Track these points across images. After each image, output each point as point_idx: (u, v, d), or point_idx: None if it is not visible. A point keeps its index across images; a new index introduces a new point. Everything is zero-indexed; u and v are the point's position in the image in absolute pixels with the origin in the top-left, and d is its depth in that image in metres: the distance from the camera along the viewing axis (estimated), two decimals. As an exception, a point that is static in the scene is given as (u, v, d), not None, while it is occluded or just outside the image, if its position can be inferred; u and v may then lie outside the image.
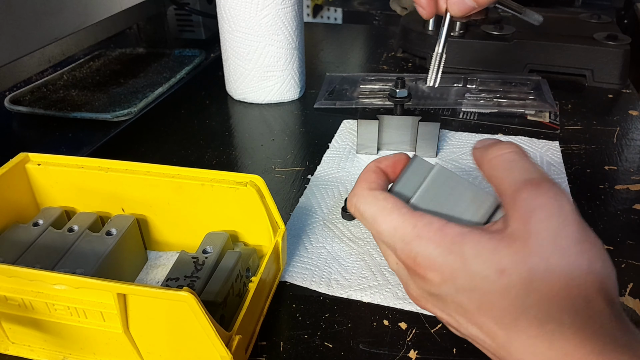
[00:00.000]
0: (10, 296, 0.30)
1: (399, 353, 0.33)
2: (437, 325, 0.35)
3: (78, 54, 0.80)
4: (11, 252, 0.36)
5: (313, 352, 0.33)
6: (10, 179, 0.39)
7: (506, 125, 0.60)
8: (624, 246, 0.41)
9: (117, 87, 0.73)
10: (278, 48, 0.63)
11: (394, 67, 0.78)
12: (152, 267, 0.40)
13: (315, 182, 0.50)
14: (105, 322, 0.30)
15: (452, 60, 0.75)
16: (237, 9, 0.61)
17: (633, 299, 0.36)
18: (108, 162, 0.39)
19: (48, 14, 0.61)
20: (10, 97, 0.69)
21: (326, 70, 0.78)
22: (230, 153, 0.56)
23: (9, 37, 0.56)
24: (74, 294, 0.30)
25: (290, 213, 0.46)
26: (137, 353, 0.31)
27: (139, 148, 0.57)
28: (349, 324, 0.35)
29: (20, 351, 0.34)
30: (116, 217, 0.40)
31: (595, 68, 0.69)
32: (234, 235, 0.39)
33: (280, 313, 0.36)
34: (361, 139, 0.54)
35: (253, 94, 0.66)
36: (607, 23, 0.77)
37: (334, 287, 0.38)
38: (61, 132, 0.63)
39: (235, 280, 0.34)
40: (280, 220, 0.36)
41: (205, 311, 0.27)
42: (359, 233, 0.43)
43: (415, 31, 0.78)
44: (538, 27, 0.75)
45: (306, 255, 0.41)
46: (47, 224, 0.39)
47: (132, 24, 0.84)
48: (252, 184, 0.36)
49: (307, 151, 0.56)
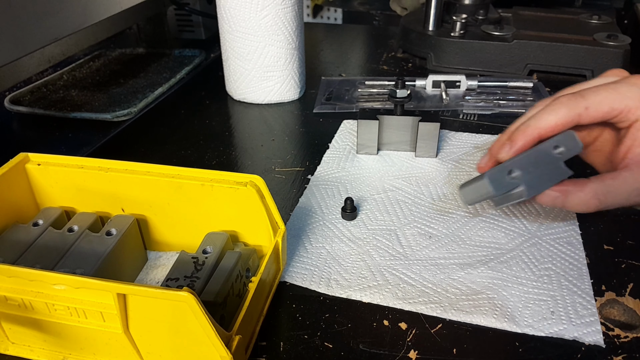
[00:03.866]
0: (10, 296, 0.30)
1: (399, 353, 0.33)
2: (437, 325, 0.35)
3: (78, 54, 0.80)
4: (11, 252, 0.36)
5: (313, 352, 0.33)
6: (10, 179, 0.39)
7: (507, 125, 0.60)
8: (624, 246, 0.41)
9: (117, 87, 0.73)
10: (278, 48, 0.63)
11: (394, 68, 0.78)
12: (152, 267, 0.40)
13: (315, 182, 0.50)
14: (105, 322, 0.30)
15: (452, 60, 0.75)
16: (237, 9, 0.61)
17: (633, 299, 0.36)
18: (108, 162, 0.39)
19: (48, 14, 0.61)
20: (10, 97, 0.69)
21: (326, 70, 0.78)
22: (230, 153, 0.56)
23: (9, 37, 0.56)
24: (74, 294, 0.30)
25: (290, 213, 0.46)
26: (137, 353, 0.31)
27: (139, 148, 0.57)
28: (349, 324, 0.35)
29: (20, 351, 0.34)
30: (116, 217, 0.40)
31: (595, 68, 0.69)
32: (234, 235, 0.39)
33: (280, 313, 0.36)
34: (361, 139, 0.54)
35: (253, 94, 0.66)
36: (607, 23, 0.77)
37: (333, 287, 0.38)
38: (61, 132, 0.63)
39: (235, 281, 0.34)
40: (280, 221, 0.36)
41: (205, 311, 0.27)
42: (359, 233, 0.43)
43: (415, 31, 0.78)
44: (538, 27, 0.75)
45: (306, 255, 0.41)
46: (47, 224, 0.39)
47: (132, 24, 0.84)
48: (252, 184, 0.36)
49: (307, 151, 0.56)
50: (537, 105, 0.42)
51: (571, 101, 0.38)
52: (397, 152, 0.55)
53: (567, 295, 0.37)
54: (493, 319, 0.35)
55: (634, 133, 0.38)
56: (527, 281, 0.38)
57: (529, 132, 0.38)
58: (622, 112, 0.38)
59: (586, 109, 0.38)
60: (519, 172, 0.36)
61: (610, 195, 0.37)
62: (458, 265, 0.39)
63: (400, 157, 0.54)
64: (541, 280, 0.38)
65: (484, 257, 0.40)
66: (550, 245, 0.41)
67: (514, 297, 0.37)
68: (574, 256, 0.40)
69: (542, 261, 0.40)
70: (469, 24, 0.77)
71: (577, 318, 0.35)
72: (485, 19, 0.79)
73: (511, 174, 0.36)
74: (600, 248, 0.41)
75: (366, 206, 0.46)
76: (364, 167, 0.53)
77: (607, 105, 0.38)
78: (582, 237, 0.42)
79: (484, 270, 0.39)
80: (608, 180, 0.37)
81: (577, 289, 0.37)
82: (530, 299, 0.36)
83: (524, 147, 0.38)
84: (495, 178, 0.36)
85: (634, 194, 0.37)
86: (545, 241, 0.42)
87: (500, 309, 0.36)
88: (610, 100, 0.38)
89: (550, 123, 0.38)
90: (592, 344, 0.33)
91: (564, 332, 0.34)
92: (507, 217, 0.44)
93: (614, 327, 0.34)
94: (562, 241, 0.42)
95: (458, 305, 0.36)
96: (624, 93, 0.38)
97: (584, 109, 0.38)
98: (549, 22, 0.79)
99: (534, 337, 0.34)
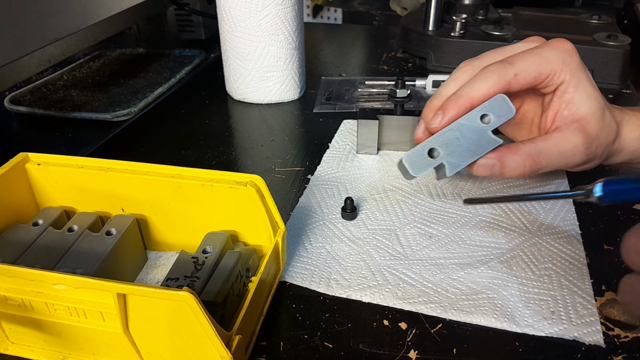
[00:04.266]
0: (10, 296, 0.30)
1: (399, 353, 0.33)
2: (437, 325, 0.35)
3: (78, 54, 0.80)
4: (11, 252, 0.36)
5: (313, 352, 0.33)
6: (10, 179, 0.39)
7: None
8: (624, 246, 0.41)
9: (117, 87, 0.73)
10: (278, 48, 0.63)
11: (394, 68, 0.78)
12: (152, 267, 0.40)
13: (315, 182, 0.50)
14: (105, 322, 0.30)
15: (452, 60, 0.75)
16: (237, 9, 0.61)
17: (633, 299, 0.36)
18: (108, 162, 0.39)
19: (48, 14, 0.61)
20: (10, 97, 0.69)
21: (326, 70, 0.78)
22: (230, 153, 0.56)
23: (9, 37, 0.56)
24: (74, 294, 0.30)
25: (290, 213, 0.46)
26: (137, 353, 0.31)
27: (139, 148, 0.57)
28: (349, 324, 0.35)
29: (20, 351, 0.34)
30: (116, 217, 0.40)
31: (595, 68, 0.69)
32: (234, 235, 0.39)
33: (280, 313, 0.36)
34: (361, 139, 0.54)
35: (253, 94, 0.66)
36: (607, 23, 0.77)
37: (333, 287, 0.38)
38: (61, 132, 0.63)
39: (235, 280, 0.34)
40: (280, 220, 0.36)
41: (205, 311, 0.27)
42: (359, 233, 0.43)
43: (415, 31, 0.78)
44: (538, 27, 0.75)
45: (306, 255, 0.41)
46: (47, 224, 0.39)
47: (132, 24, 0.84)
48: (252, 184, 0.36)
49: (307, 151, 0.56)
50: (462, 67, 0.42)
51: (500, 69, 0.38)
52: (397, 152, 0.55)
53: (567, 295, 0.37)
54: (493, 319, 0.35)
55: (561, 96, 0.39)
56: (527, 281, 0.38)
57: (462, 102, 0.38)
58: (548, 76, 0.39)
59: (515, 75, 0.38)
60: (440, 150, 0.35)
61: (543, 156, 0.38)
62: (458, 265, 0.39)
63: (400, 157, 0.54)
64: (541, 280, 0.38)
65: (484, 257, 0.40)
66: (551, 245, 0.41)
67: (514, 296, 0.37)
68: (574, 256, 0.40)
69: (542, 261, 0.40)
70: (469, 24, 0.77)
71: (577, 318, 0.35)
72: (485, 19, 0.79)
73: (432, 153, 0.35)
74: (600, 248, 0.41)
75: (366, 206, 0.46)
76: (364, 167, 0.53)
77: (535, 71, 0.38)
78: (582, 237, 0.42)
79: (484, 270, 0.39)
80: (541, 142, 0.39)
81: (577, 288, 0.37)
82: (530, 298, 0.36)
83: (455, 117, 0.38)
84: (413, 160, 0.36)
85: (567, 155, 0.39)
86: (546, 241, 0.42)
87: (501, 308, 0.36)
88: (537, 65, 0.38)
89: (482, 91, 0.38)
90: (592, 344, 0.33)
91: (564, 332, 0.34)
92: (507, 217, 0.44)
93: (614, 327, 0.34)
94: (562, 241, 0.42)
95: (458, 305, 0.36)
96: (548, 57, 0.39)
97: (513, 76, 0.38)
98: (549, 22, 0.79)
99: (534, 337, 0.34)
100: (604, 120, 0.40)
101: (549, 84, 0.40)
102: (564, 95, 0.39)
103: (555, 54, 0.39)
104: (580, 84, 0.39)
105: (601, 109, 0.40)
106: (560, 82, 0.39)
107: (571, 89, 0.39)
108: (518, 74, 0.38)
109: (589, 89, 0.39)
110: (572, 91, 0.39)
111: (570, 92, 0.39)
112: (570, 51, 0.39)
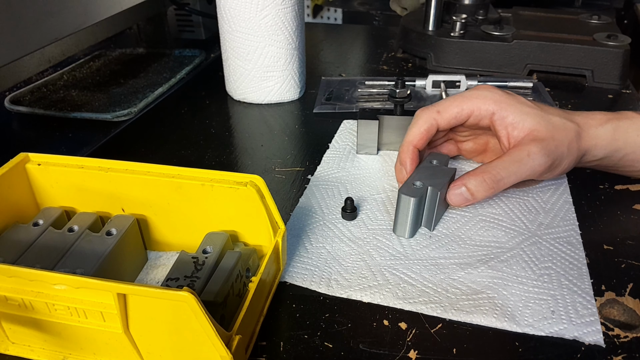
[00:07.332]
0: (10, 296, 0.30)
1: (399, 353, 0.33)
2: (437, 325, 0.35)
3: (78, 54, 0.80)
4: (11, 252, 0.36)
5: (313, 352, 0.33)
6: (10, 179, 0.39)
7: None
8: (624, 246, 0.41)
9: (117, 87, 0.73)
10: (278, 48, 0.63)
11: (394, 68, 0.78)
12: (152, 267, 0.40)
13: (315, 182, 0.50)
14: (105, 322, 0.30)
15: (452, 61, 0.75)
16: (237, 9, 0.61)
17: (633, 299, 0.36)
18: (108, 162, 0.39)
19: (48, 14, 0.61)
20: (10, 97, 0.69)
21: (326, 70, 0.78)
22: (230, 153, 0.56)
23: (9, 37, 0.56)
24: (74, 294, 0.30)
25: (290, 213, 0.46)
26: (137, 353, 0.31)
27: (139, 148, 0.57)
28: (349, 324, 0.35)
29: (20, 351, 0.34)
30: (116, 217, 0.40)
31: (595, 68, 0.69)
32: (234, 235, 0.39)
33: (280, 313, 0.36)
34: (361, 139, 0.54)
35: (253, 94, 0.66)
36: (607, 23, 0.77)
37: (333, 287, 0.38)
38: (61, 132, 0.63)
39: (235, 280, 0.34)
40: (280, 220, 0.36)
41: (205, 311, 0.27)
42: (359, 233, 0.43)
43: (415, 31, 0.78)
44: (538, 27, 0.75)
45: (306, 255, 0.41)
46: (47, 224, 0.39)
47: (132, 24, 0.84)
48: (252, 184, 0.36)
49: (307, 151, 0.56)
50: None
51: (425, 111, 0.45)
52: (397, 152, 0.55)
53: (567, 294, 0.37)
54: (493, 319, 0.35)
55: (502, 122, 0.44)
56: (527, 280, 0.38)
57: (407, 148, 0.45)
58: (472, 110, 0.45)
59: (438, 112, 0.45)
60: (420, 181, 0.42)
61: (500, 169, 0.42)
62: (458, 265, 0.39)
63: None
64: (541, 279, 0.38)
65: (484, 257, 0.40)
66: (551, 244, 0.41)
67: (514, 296, 0.37)
68: (574, 256, 0.40)
69: (542, 260, 0.40)
70: (469, 24, 0.77)
71: (577, 318, 0.35)
72: (485, 19, 0.79)
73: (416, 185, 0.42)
74: (600, 248, 0.41)
75: (366, 206, 0.46)
76: (364, 167, 0.53)
77: (456, 107, 0.45)
78: (582, 237, 0.42)
79: (484, 269, 0.39)
80: (497, 159, 0.43)
81: (577, 288, 0.37)
82: (530, 298, 0.36)
83: (412, 163, 0.45)
84: (408, 191, 0.41)
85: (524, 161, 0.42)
86: (546, 240, 0.42)
87: (501, 308, 0.36)
88: (458, 102, 0.45)
89: (416, 133, 0.45)
90: (592, 343, 0.33)
91: (564, 332, 0.34)
92: (507, 217, 0.44)
93: (614, 327, 0.34)
94: (562, 241, 0.42)
95: (458, 305, 0.36)
96: (468, 96, 0.45)
97: (437, 113, 0.45)
98: (549, 22, 0.79)
99: (534, 337, 0.34)
100: (553, 123, 0.43)
101: (479, 117, 0.45)
102: (504, 120, 0.44)
103: (476, 93, 0.45)
104: (512, 107, 0.43)
105: (545, 117, 0.43)
106: (491, 113, 0.44)
107: (505, 113, 0.43)
108: (441, 111, 0.45)
109: (523, 108, 0.43)
110: (508, 115, 0.43)
111: (508, 116, 0.43)
112: (489, 88, 0.45)
